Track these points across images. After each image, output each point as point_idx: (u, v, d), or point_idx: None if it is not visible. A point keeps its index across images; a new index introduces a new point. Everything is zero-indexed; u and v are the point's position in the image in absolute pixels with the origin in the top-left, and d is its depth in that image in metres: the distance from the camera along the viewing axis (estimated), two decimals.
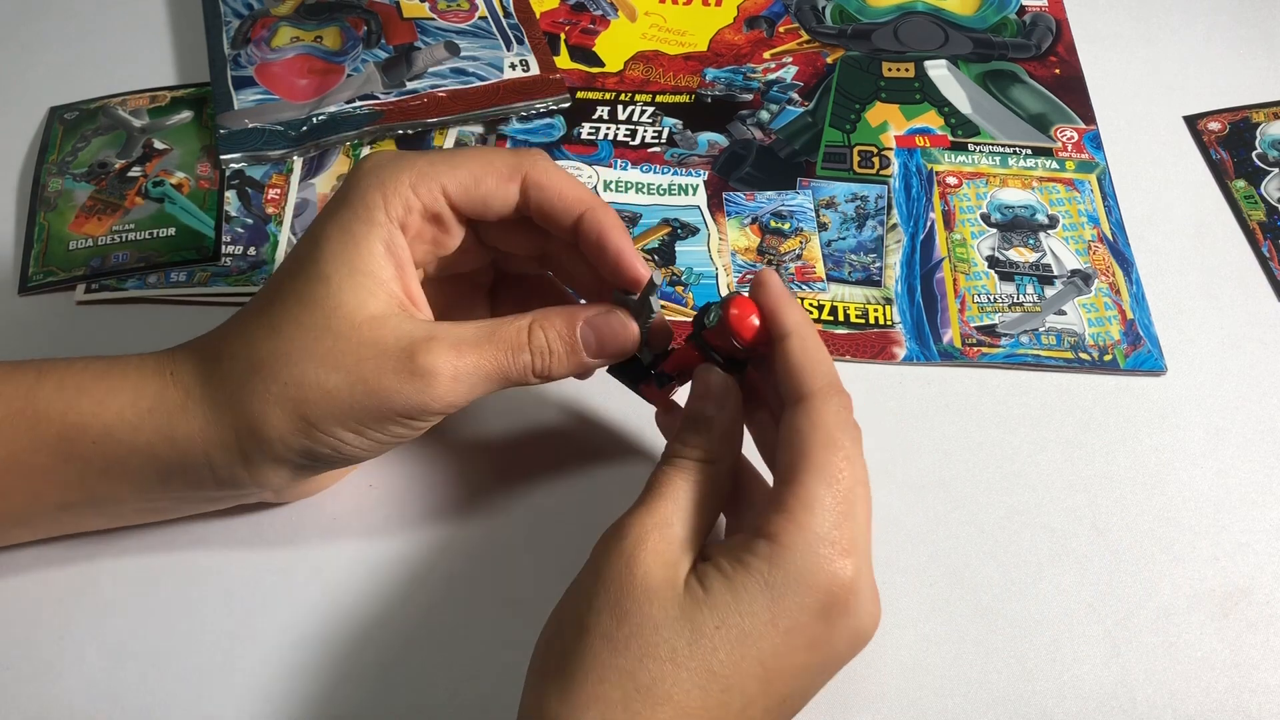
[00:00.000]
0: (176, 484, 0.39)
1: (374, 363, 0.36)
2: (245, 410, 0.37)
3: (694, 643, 0.33)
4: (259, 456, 0.37)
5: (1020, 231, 0.54)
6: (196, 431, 0.37)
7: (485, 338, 0.37)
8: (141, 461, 0.38)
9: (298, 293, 0.37)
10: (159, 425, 0.37)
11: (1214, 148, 0.58)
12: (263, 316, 0.37)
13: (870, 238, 0.54)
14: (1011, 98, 0.60)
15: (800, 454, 0.35)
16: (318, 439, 0.37)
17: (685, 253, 0.53)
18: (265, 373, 0.36)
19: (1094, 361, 0.49)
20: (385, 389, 0.36)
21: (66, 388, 0.38)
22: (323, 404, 0.36)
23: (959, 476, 0.46)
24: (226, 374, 0.37)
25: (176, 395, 0.37)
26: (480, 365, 0.37)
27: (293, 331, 0.36)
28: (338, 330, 0.36)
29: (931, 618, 0.42)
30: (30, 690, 0.40)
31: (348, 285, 0.37)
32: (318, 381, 0.36)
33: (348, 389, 0.36)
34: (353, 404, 0.36)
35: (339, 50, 0.60)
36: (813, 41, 0.63)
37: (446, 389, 0.36)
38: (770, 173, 0.56)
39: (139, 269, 0.51)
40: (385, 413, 0.37)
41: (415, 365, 0.36)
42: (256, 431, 0.37)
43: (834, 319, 0.51)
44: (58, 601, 0.42)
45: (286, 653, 0.41)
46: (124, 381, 0.38)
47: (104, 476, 0.38)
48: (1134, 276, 0.52)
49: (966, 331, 0.50)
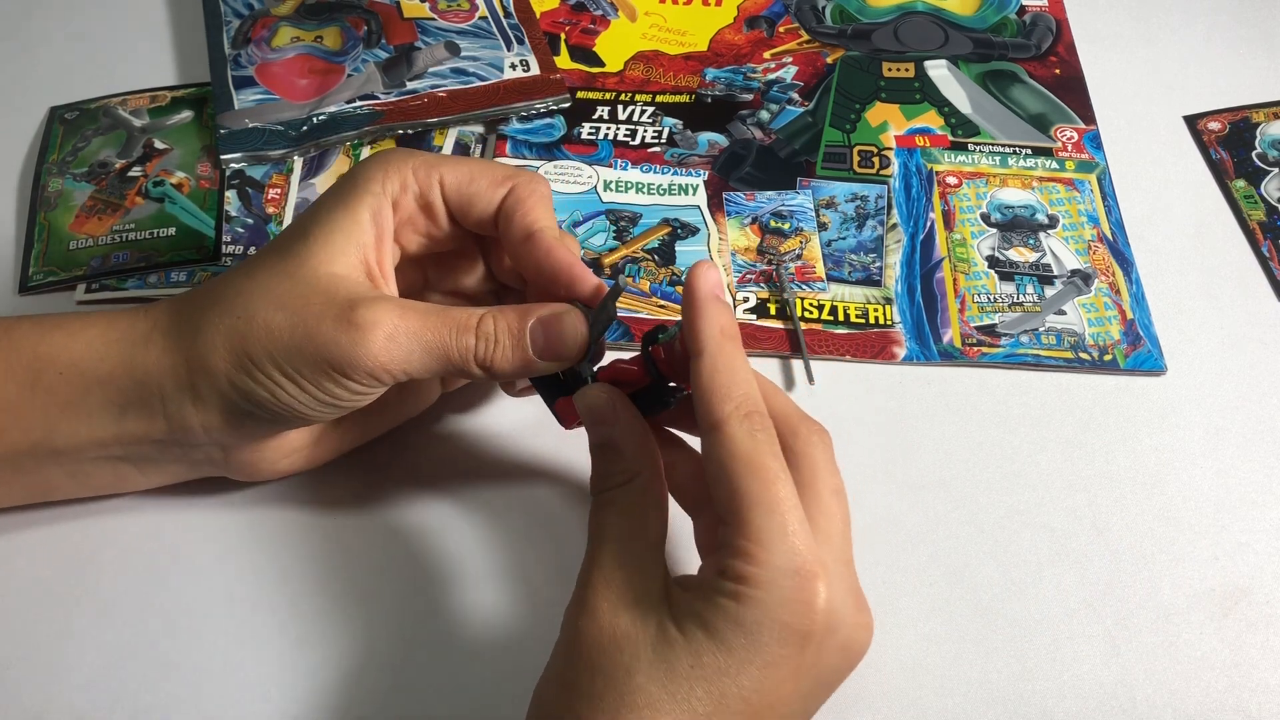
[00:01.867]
0: (132, 417, 0.39)
1: (318, 308, 0.37)
2: (197, 339, 0.38)
3: (669, 685, 0.32)
4: (205, 390, 0.38)
5: (1020, 231, 0.54)
6: (153, 360, 0.38)
7: (435, 312, 0.38)
8: (101, 396, 0.38)
9: (279, 246, 0.39)
10: (122, 354, 0.38)
11: (1214, 147, 0.58)
12: (245, 265, 0.39)
13: (870, 237, 0.54)
14: (1011, 98, 0.60)
15: (730, 491, 0.34)
16: (255, 377, 0.37)
17: (685, 252, 0.53)
18: (223, 306, 0.38)
19: (1094, 361, 0.49)
20: (321, 334, 0.36)
21: (44, 323, 0.40)
22: (263, 340, 0.37)
23: (959, 476, 0.46)
24: (196, 307, 0.39)
25: (144, 326, 0.39)
26: (421, 332, 0.37)
27: (262, 275, 0.38)
28: (300, 277, 0.38)
29: (931, 617, 0.42)
30: (30, 690, 0.40)
31: (321, 241, 0.38)
32: (264, 318, 0.37)
33: (288, 330, 0.37)
34: (289, 345, 0.37)
35: (339, 50, 0.60)
36: (813, 41, 0.63)
37: (380, 347, 0.36)
38: (770, 172, 0.56)
39: (139, 269, 0.51)
40: (318, 360, 0.37)
41: (354, 316, 0.36)
42: (203, 359, 0.38)
43: (834, 319, 0.51)
44: (58, 601, 0.42)
45: (287, 652, 0.41)
46: (99, 319, 0.40)
47: (66, 412, 0.39)
48: (1134, 276, 0.52)
49: (966, 331, 0.50)
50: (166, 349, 0.38)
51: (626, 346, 0.49)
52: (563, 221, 0.54)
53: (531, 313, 0.39)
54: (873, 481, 0.46)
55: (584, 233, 0.53)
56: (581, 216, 0.54)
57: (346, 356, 0.36)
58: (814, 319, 0.51)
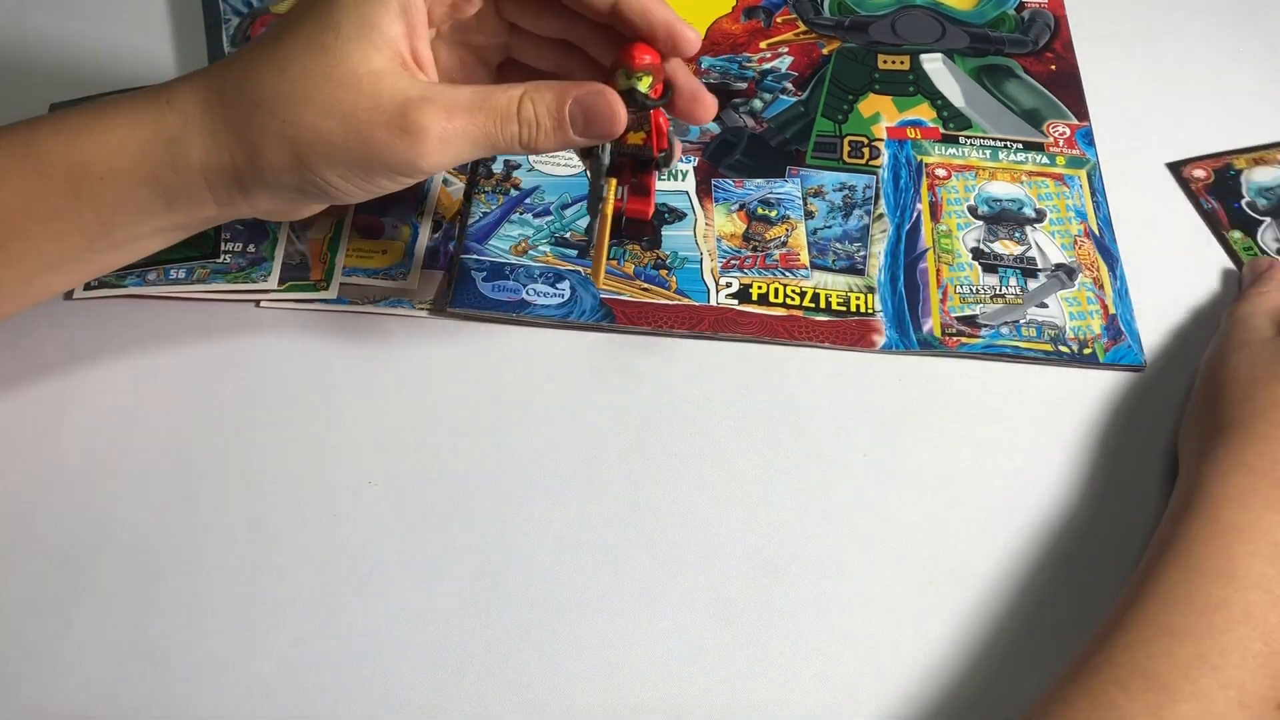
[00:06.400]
0: (181, 207, 0.41)
1: (369, 114, 0.38)
2: (245, 142, 0.39)
3: None
4: (254, 184, 0.40)
5: (1007, 225, 0.54)
6: (196, 160, 0.40)
7: (477, 104, 0.40)
8: (147, 194, 0.40)
9: (307, 37, 0.39)
10: (160, 155, 0.40)
11: (1203, 196, 0.58)
12: (271, 56, 0.40)
13: (856, 227, 0.54)
14: (1005, 92, 0.60)
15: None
16: (307, 178, 0.40)
17: (671, 237, 0.53)
18: (265, 110, 0.39)
19: (1073, 355, 0.50)
20: (376, 141, 0.39)
21: (62, 130, 0.40)
22: (317, 146, 0.39)
23: (940, 467, 0.47)
24: (230, 105, 0.39)
25: (175, 122, 0.40)
26: (468, 130, 0.39)
27: (297, 74, 0.39)
28: (339, 79, 0.38)
29: (931, 617, 0.43)
30: (31, 689, 0.41)
31: (355, 37, 0.39)
32: (314, 125, 0.39)
33: (341, 136, 0.39)
34: (345, 151, 0.39)
35: None
36: (810, 33, 0.63)
37: (434, 149, 0.39)
38: (760, 160, 0.56)
39: (138, 266, 0.51)
40: (374, 164, 0.39)
41: (407, 122, 0.38)
42: (254, 162, 0.39)
43: (815, 305, 0.51)
44: (58, 601, 0.43)
45: (287, 651, 0.42)
46: (118, 116, 0.40)
47: (117, 211, 0.40)
48: (1118, 272, 0.52)
49: (947, 321, 0.51)
50: (210, 149, 0.40)
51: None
52: (553, 203, 0.54)
53: (569, 92, 0.41)
54: (859, 473, 0.46)
55: (572, 214, 0.54)
56: (570, 199, 0.54)
57: (402, 160, 0.39)
58: (795, 305, 0.51)
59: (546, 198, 0.55)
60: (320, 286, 0.51)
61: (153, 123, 0.40)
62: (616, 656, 0.42)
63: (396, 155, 0.39)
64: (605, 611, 0.43)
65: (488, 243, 0.53)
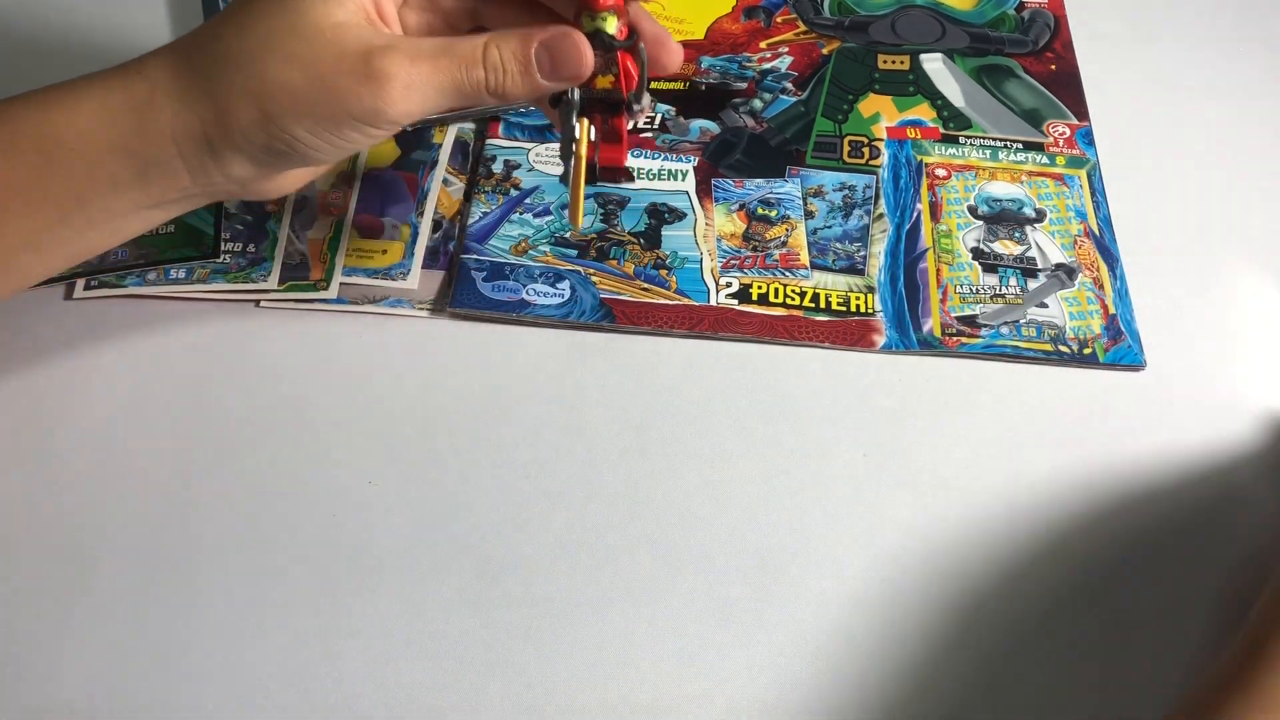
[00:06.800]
0: (154, 177, 0.40)
1: (333, 64, 0.38)
2: (211, 101, 0.39)
3: None
4: (224, 146, 0.40)
5: (1007, 224, 0.54)
6: (164, 123, 0.39)
7: (441, 50, 0.39)
8: (118, 164, 0.40)
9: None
10: (130, 121, 0.39)
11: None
12: (236, 17, 0.40)
13: (856, 226, 0.54)
14: (1005, 92, 0.60)
15: None
16: (275, 134, 0.39)
17: (671, 237, 0.53)
18: (231, 66, 0.39)
19: (1073, 355, 0.50)
20: (341, 89, 0.38)
21: (34, 104, 0.40)
22: (282, 99, 0.38)
23: (939, 467, 0.47)
24: (196, 69, 0.39)
25: (143, 88, 0.40)
26: (434, 76, 0.39)
27: (261, 31, 0.39)
28: (302, 32, 0.38)
29: (931, 616, 0.43)
30: (31, 689, 0.41)
31: None
32: (279, 77, 0.38)
33: (306, 87, 0.38)
34: (311, 102, 0.38)
35: None
36: (810, 33, 0.63)
37: (399, 95, 0.39)
38: (760, 160, 0.56)
39: (138, 266, 0.51)
40: (340, 113, 0.39)
41: (370, 69, 0.38)
42: (222, 120, 0.39)
43: (815, 306, 0.51)
44: (58, 601, 0.43)
45: (287, 650, 0.42)
46: (90, 87, 0.40)
47: (89, 183, 0.40)
48: (1119, 272, 0.52)
49: (947, 321, 0.51)
50: (178, 112, 0.39)
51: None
52: (553, 203, 0.54)
53: (533, 36, 0.40)
54: (853, 472, 0.46)
55: None
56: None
57: (368, 109, 0.39)
58: (795, 305, 0.51)
59: (546, 198, 0.55)
60: (320, 286, 0.51)
61: (122, 90, 0.40)
62: (616, 656, 0.42)
63: (362, 103, 0.39)
64: (605, 611, 0.43)
65: (488, 243, 0.53)
